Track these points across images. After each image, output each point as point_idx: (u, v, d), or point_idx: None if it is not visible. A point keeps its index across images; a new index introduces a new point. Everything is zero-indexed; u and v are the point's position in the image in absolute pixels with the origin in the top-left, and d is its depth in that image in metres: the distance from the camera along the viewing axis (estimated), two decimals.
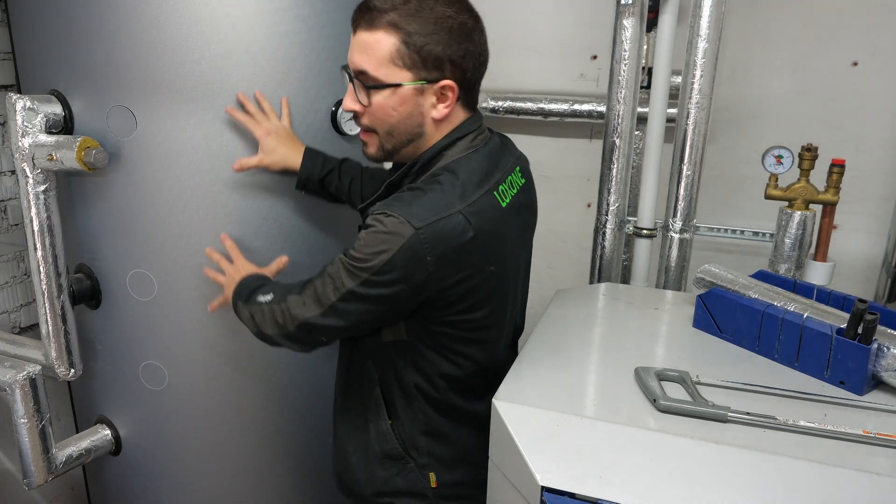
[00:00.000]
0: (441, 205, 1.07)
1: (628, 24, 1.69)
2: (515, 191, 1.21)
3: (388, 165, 1.31)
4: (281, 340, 1.19)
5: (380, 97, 1.10)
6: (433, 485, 1.25)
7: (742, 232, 2.06)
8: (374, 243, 1.05)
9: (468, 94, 1.14)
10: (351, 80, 1.13)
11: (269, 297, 1.19)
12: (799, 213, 1.61)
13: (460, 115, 1.16)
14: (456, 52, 1.08)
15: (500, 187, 1.17)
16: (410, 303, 1.11)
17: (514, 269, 1.25)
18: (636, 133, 1.91)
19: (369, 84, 1.10)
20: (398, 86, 1.09)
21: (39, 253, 1.39)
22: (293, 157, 1.39)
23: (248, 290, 1.25)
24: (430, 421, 1.24)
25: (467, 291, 1.13)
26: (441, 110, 1.11)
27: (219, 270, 1.36)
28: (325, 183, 1.43)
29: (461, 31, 1.08)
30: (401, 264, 1.04)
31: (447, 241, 1.06)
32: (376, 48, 1.07)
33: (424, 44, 1.06)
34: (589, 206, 2.33)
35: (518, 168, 1.25)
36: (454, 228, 1.06)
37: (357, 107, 1.13)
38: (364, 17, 1.08)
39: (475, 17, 1.12)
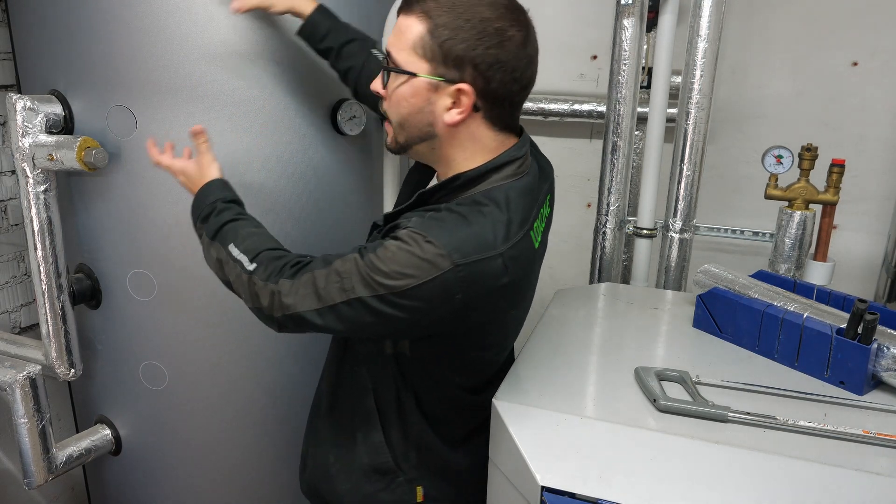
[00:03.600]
0: (485, 243, 0.98)
1: (628, 24, 1.69)
2: (544, 226, 1.15)
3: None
4: (256, 315, 1.07)
5: (396, 83, 1.04)
6: (419, 499, 1.19)
7: (742, 232, 2.06)
8: (404, 264, 0.95)
9: (493, 108, 1.03)
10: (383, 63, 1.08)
11: (251, 266, 1.06)
12: (799, 213, 1.61)
13: (484, 132, 1.05)
14: (481, 57, 0.97)
15: (535, 224, 1.09)
16: (424, 331, 1.04)
17: (529, 304, 1.20)
18: (636, 133, 1.91)
19: (390, 67, 1.04)
20: (413, 75, 1.01)
21: (39, 253, 1.39)
22: (302, 4, 1.31)
23: (214, 218, 1.13)
24: (423, 435, 1.18)
25: (484, 331, 1.09)
26: (454, 115, 1.01)
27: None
28: (322, 53, 1.37)
29: (495, 37, 0.98)
30: (426, 296, 0.95)
31: (482, 284, 0.98)
32: (405, 33, 1.01)
33: (448, 38, 0.98)
34: (589, 206, 2.33)
35: (548, 196, 1.18)
36: (492, 272, 0.98)
37: (379, 89, 1.07)
38: (406, 1, 1.03)
39: (522, 29, 1.01)
